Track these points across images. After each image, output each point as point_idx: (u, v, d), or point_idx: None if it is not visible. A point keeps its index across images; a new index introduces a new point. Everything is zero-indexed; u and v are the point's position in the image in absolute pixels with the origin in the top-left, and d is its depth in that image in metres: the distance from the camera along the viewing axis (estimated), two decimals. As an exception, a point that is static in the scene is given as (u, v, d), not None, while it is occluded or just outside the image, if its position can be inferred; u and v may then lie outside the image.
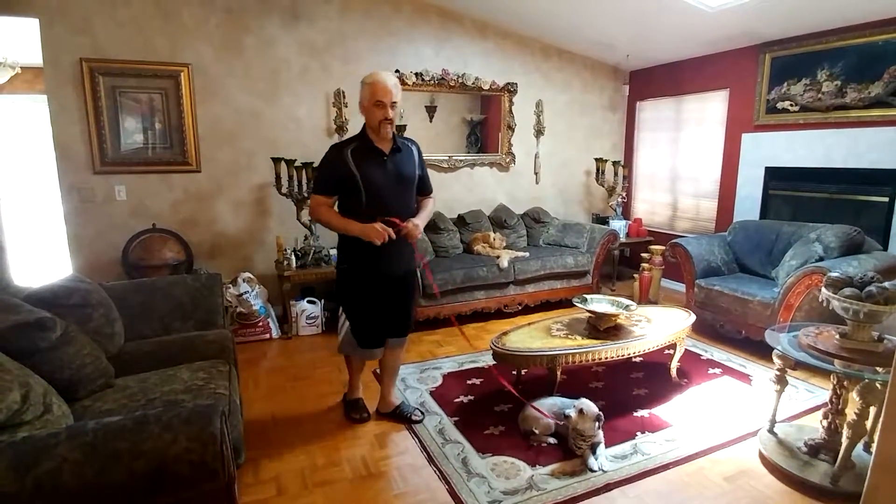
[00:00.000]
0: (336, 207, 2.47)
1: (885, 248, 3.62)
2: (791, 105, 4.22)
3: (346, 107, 4.38)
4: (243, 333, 3.82)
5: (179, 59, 3.84)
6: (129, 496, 1.24)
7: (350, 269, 2.46)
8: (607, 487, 2.17)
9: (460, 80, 4.76)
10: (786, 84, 4.24)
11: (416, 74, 4.57)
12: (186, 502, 1.33)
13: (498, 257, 4.29)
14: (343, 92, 4.36)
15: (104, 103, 3.68)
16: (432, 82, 4.66)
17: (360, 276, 2.45)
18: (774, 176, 4.44)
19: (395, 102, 2.32)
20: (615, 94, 5.71)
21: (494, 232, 4.69)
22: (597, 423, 2.32)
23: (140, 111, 3.82)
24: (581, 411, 2.31)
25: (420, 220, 2.46)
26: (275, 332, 3.96)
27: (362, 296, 2.49)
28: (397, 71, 4.48)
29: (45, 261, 5.43)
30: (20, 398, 1.42)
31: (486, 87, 4.90)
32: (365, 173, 2.34)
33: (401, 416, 2.71)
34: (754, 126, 4.52)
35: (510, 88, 5.04)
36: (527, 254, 4.46)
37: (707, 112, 5.00)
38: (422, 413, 2.75)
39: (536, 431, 2.46)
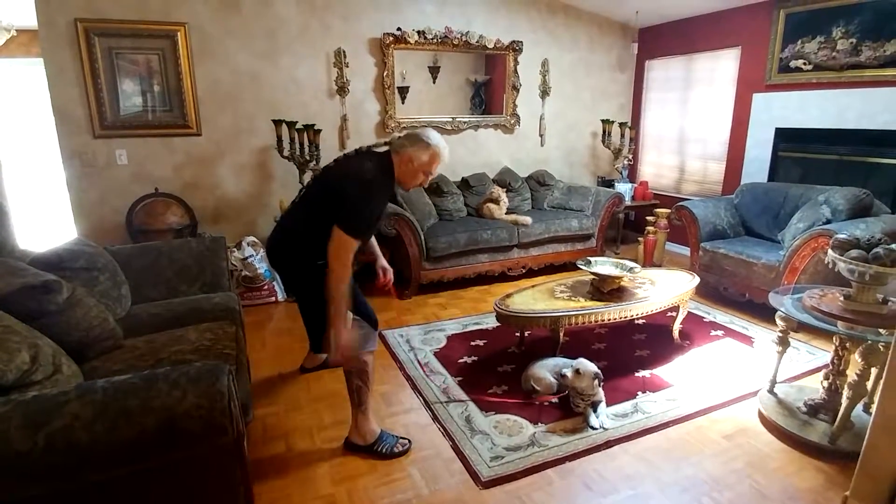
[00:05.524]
0: (300, 214, 2.12)
1: (894, 212, 3.57)
2: (804, 64, 4.09)
3: (348, 66, 4.29)
4: (249, 297, 3.85)
5: (175, 17, 3.74)
6: (141, 452, 1.27)
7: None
8: (608, 444, 2.21)
9: (464, 39, 4.63)
10: (800, 42, 4.10)
11: (419, 32, 4.44)
12: (198, 458, 1.37)
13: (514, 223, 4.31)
14: (344, 51, 4.26)
15: (101, 65, 3.61)
16: (435, 41, 4.53)
17: None
18: (785, 137, 4.35)
19: None
20: (623, 52, 5.55)
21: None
22: (595, 382, 2.36)
23: (138, 73, 3.76)
24: (578, 371, 2.34)
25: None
26: (280, 296, 3.99)
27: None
28: (399, 29, 4.36)
29: (49, 225, 5.45)
30: (29, 359, 1.45)
31: (491, 45, 4.77)
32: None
33: (327, 366, 2.83)
34: (766, 86, 4.40)
35: (515, 47, 4.90)
36: (529, 219, 4.38)
37: (718, 71, 4.86)
38: None
39: (539, 389, 2.51)
